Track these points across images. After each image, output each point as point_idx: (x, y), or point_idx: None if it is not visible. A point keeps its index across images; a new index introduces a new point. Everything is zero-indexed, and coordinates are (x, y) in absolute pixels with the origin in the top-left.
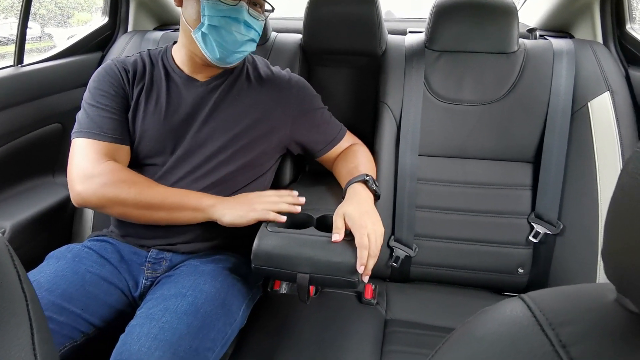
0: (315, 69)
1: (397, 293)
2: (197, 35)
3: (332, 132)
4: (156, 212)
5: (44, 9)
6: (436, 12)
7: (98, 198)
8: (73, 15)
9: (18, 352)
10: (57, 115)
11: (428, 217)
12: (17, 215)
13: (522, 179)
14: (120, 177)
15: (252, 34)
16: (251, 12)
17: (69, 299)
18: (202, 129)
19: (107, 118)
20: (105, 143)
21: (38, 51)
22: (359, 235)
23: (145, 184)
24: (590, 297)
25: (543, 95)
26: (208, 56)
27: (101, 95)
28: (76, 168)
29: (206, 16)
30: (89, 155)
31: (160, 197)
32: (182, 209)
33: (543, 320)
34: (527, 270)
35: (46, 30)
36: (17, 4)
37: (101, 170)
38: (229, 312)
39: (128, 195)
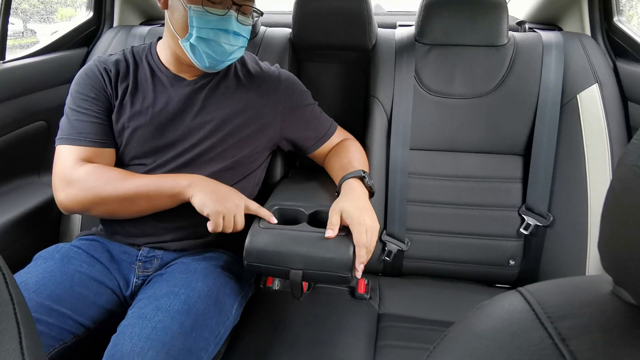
0: (305, 64)
1: (389, 287)
2: (186, 45)
3: (322, 127)
4: (136, 202)
5: (26, 4)
6: (426, 5)
7: (79, 203)
8: (57, 10)
9: (6, 357)
10: (42, 113)
11: (420, 211)
12: (2, 215)
13: (513, 172)
14: (97, 177)
15: (240, 42)
16: (240, 19)
17: (57, 300)
18: (191, 128)
19: (88, 122)
20: (85, 148)
21: (21, 47)
22: (358, 232)
23: (120, 177)
24: (588, 290)
25: (533, 88)
26: (197, 65)
27: (82, 99)
28: (57, 176)
29: (194, 27)
30: (67, 161)
31: (136, 187)
32: (160, 194)
33: (542, 314)
34: (518, 262)
35: (29, 25)
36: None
37: (78, 175)
38: (222, 310)
39: (106, 192)
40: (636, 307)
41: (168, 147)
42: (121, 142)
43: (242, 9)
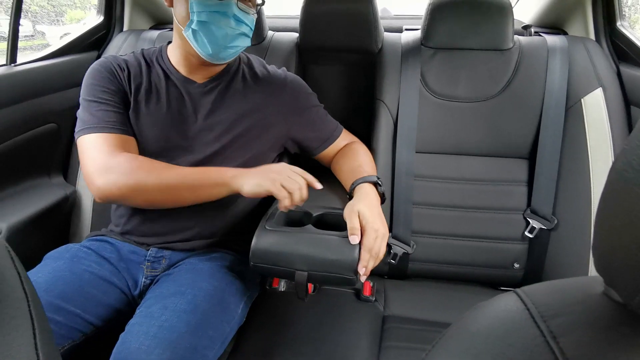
0: (311, 67)
1: (395, 290)
2: (188, 33)
3: (328, 129)
4: (179, 192)
5: (35, 6)
6: (432, 9)
7: (119, 189)
8: (66, 12)
9: (20, 352)
10: (52, 115)
11: (425, 213)
12: (13, 216)
13: (518, 175)
14: (138, 164)
15: (243, 28)
16: (240, 6)
17: (67, 299)
18: (201, 130)
19: (112, 112)
20: (115, 135)
21: (31, 49)
22: (369, 237)
23: (163, 166)
24: (580, 290)
25: (537, 92)
26: (200, 53)
27: (102, 91)
28: (92, 163)
29: (195, 12)
30: (102, 149)
31: (180, 177)
32: (203, 185)
33: (535, 313)
34: (523, 265)
35: (38, 27)
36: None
37: (118, 161)
38: (228, 310)
39: (149, 180)
40: (624, 306)
41: (179, 147)
42: (134, 138)
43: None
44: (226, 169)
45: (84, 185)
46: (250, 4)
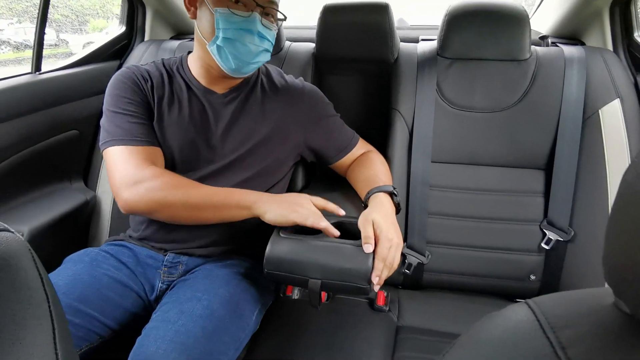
0: (327, 77)
1: (409, 300)
2: (212, 48)
3: (344, 139)
4: (203, 211)
5: (59, 15)
6: (448, 20)
7: (146, 203)
8: (89, 21)
9: (40, 352)
10: (74, 122)
11: (440, 223)
12: (35, 219)
13: (534, 186)
14: (166, 181)
15: (265, 44)
16: (264, 23)
17: (85, 302)
18: (221, 139)
19: (137, 124)
20: (142, 147)
21: (55, 57)
22: (383, 246)
23: (190, 184)
24: (591, 301)
25: (554, 103)
26: (223, 67)
27: (127, 102)
28: (120, 175)
29: (220, 29)
30: (130, 162)
31: (205, 197)
32: (227, 206)
33: (545, 324)
34: (539, 277)
35: (62, 36)
36: (31, 9)
37: (146, 175)
38: (242, 317)
39: (175, 197)
40: (632, 317)
41: (201, 156)
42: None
43: (266, 10)
44: (250, 192)
45: (103, 190)
46: (272, 19)
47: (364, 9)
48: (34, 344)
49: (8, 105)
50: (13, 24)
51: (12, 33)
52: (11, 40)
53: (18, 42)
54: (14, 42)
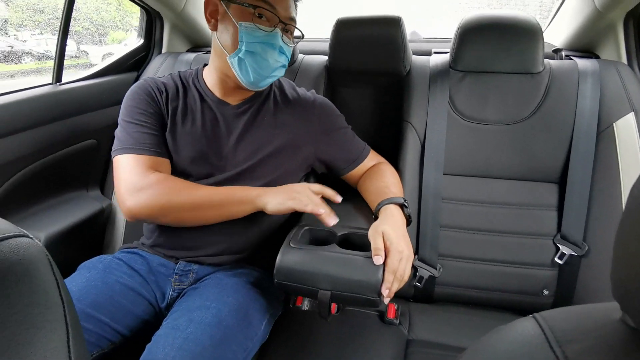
0: (339, 89)
1: (420, 313)
2: (233, 60)
3: (355, 151)
4: (206, 210)
5: (80, 27)
6: (461, 33)
7: (151, 209)
8: (108, 33)
9: (54, 355)
10: (92, 132)
11: (452, 236)
12: (52, 225)
13: (548, 200)
14: (168, 185)
15: (283, 59)
16: (284, 39)
17: (98, 308)
18: (233, 149)
19: (147, 134)
20: (148, 156)
21: (75, 68)
22: (393, 259)
23: (191, 186)
24: (598, 316)
25: (568, 116)
26: (242, 80)
27: (139, 113)
28: (124, 183)
29: (244, 42)
30: (134, 170)
31: (207, 196)
32: (230, 203)
33: (552, 338)
34: (552, 292)
35: (82, 47)
36: (52, 21)
37: (149, 181)
38: (251, 326)
39: (179, 199)
40: (639, 332)
41: (213, 166)
42: (170, 157)
43: (286, 26)
44: (251, 188)
45: None
46: (290, 36)
47: (377, 22)
48: (48, 347)
49: (30, 114)
50: (35, 35)
51: (35, 44)
52: (33, 51)
53: (40, 53)
54: (36, 52)
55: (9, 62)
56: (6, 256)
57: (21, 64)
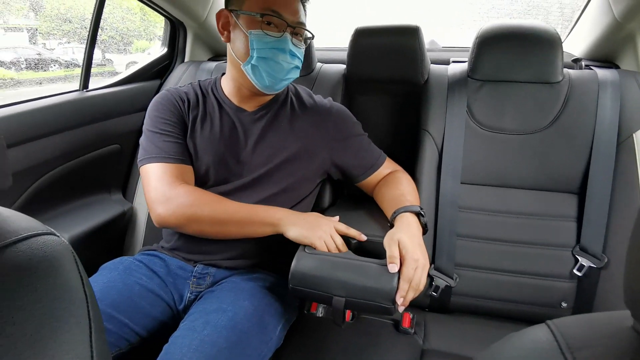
0: (357, 97)
1: (435, 323)
2: (247, 68)
3: (371, 158)
4: (228, 227)
5: (105, 36)
6: (479, 42)
7: (177, 218)
8: (133, 42)
9: (77, 348)
10: (116, 137)
11: (469, 246)
12: (75, 227)
13: (567, 210)
14: (195, 197)
15: (296, 61)
16: (294, 42)
17: (117, 308)
18: (250, 154)
19: (172, 142)
20: (175, 165)
21: (101, 75)
22: (409, 267)
23: (216, 201)
24: (610, 324)
25: (588, 126)
26: (257, 85)
27: (164, 123)
28: (154, 192)
29: (255, 49)
30: (163, 179)
31: (230, 213)
32: (252, 223)
33: (564, 345)
34: (571, 305)
35: (107, 56)
36: (78, 30)
37: (177, 192)
38: (266, 331)
39: (202, 213)
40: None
41: (231, 170)
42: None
43: (295, 30)
44: (275, 209)
45: (140, 202)
46: (301, 38)
47: (395, 32)
48: (71, 341)
49: (57, 119)
50: (62, 43)
51: (61, 52)
52: (60, 58)
53: (66, 61)
54: (63, 60)
55: (38, 70)
56: (34, 252)
57: (48, 71)
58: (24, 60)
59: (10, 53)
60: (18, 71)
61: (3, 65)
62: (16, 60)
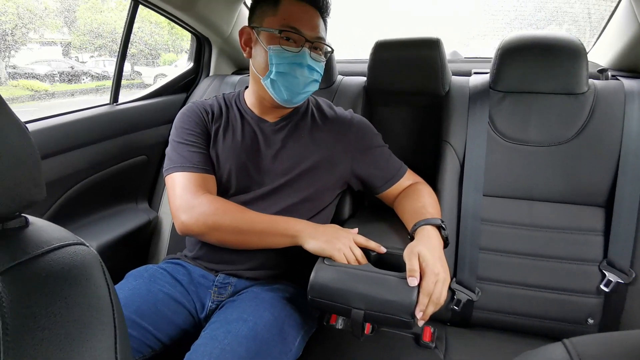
0: (378, 109)
1: (457, 338)
2: (267, 82)
3: (392, 169)
4: (248, 236)
5: (135, 49)
6: (501, 54)
7: (199, 226)
8: (160, 55)
9: (102, 354)
10: (143, 149)
11: (492, 259)
12: (103, 235)
13: (593, 224)
14: (217, 206)
15: (315, 75)
16: (313, 56)
17: (141, 315)
18: (271, 164)
19: (196, 153)
20: (199, 174)
21: (130, 87)
22: (429, 281)
23: (237, 210)
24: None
25: (614, 137)
26: (276, 99)
27: (188, 133)
28: (179, 200)
29: (274, 64)
30: (187, 187)
31: (251, 223)
32: (271, 233)
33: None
34: (597, 321)
35: (136, 68)
36: (109, 44)
37: (200, 201)
38: (285, 341)
39: (224, 221)
40: None
41: (251, 179)
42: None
43: (314, 44)
44: (294, 221)
45: (165, 211)
46: (320, 52)
47: (415, 44)
48: (98, 347)
49: (89, 132)
50: (94, 57)
51: (93, 65)
52: (92, 71)
53: (97, 74)
54: (94, 73)
55: (70, 82)
56: (66, 261)
57: (80, 83)
58: (57, 73)
59: (45, 66)
60: (52, 83)
61: (38, 77)
62: (50, 73)
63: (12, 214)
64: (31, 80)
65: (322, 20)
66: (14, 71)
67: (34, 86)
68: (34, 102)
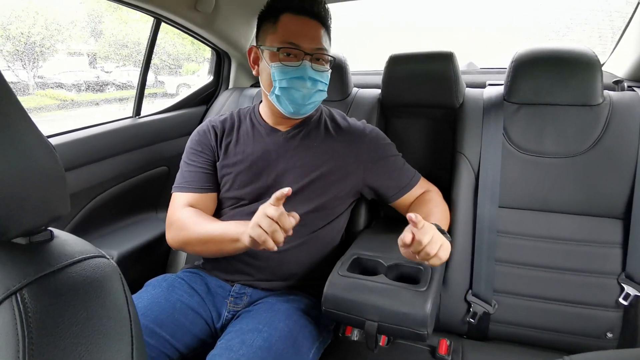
0: (392, 120)
1: (473, 351)
2: (273, 97)
3: (404, 178)
4: (208, 245)
5: (158, 60)
6: (515, 66)
7: (176, 242)
8: (183, 65)
9: None
10: (164, 160)
11: (509, 272)
12: (124, 245)
13: (611, 236)
14: (188, 221)
15: (319, 85)
16: (315, 67)
17: (160, 324)
18: (283, 172)
19: (194, 172)
20: (189, 194)
21: (153, 97)
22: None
23: (200, 222)
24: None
25: (631, 149)
26: (283, 112)
27: (192, 153)
28: (167, 218)
29: (277, 80)
30: (172, 206)
31: (207, 232)
32: (224, 241)
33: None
34: (617, 335)
35: (159, 78)
36: (134, 54)
37: (177, 217)
38: (300, 353)
39: (190, 235)
40: None
41: (263, 188)
42: (225, 184)
43: (315, 55)
44: (241, 224)
45: None
46: (324, 62)
47: (429, 58)
48: (116, 357)
49: (113, 144)
50: (119, 67)
51: (118, 74)
52: (116, 81)
53: (122, 83)
54: (119, 82)
55: (96, 92)
56: (87, 274)
57: (105, 92)
58: (83, 82)
59: (71, 76)
60: (78, 92)
61: (64, 87)
62: (76, 82)
63: (38, 228)
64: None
65: (323, 29)
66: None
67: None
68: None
